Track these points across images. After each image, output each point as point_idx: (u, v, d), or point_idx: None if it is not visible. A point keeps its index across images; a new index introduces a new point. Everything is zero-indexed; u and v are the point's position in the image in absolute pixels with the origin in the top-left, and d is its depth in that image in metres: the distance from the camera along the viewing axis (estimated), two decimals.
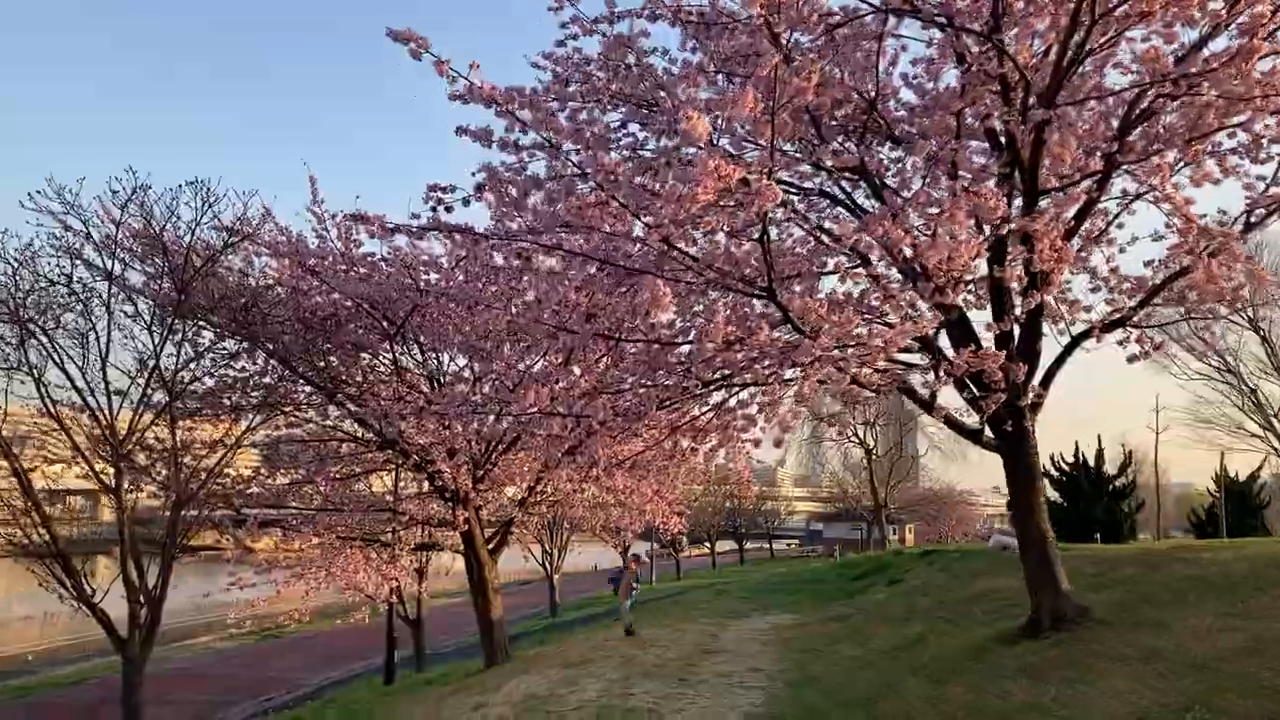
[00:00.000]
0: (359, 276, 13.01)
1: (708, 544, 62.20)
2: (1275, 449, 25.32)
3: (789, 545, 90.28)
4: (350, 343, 13.36)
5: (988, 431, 7.86)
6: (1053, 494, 32.43)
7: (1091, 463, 33.60)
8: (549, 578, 34.36)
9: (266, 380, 13.29)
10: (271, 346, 12.87)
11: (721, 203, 6.22)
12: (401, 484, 16.08)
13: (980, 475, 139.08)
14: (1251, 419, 25.95)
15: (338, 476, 14.57)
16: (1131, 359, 9.84)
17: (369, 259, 13.22)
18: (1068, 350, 7.82)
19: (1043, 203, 6.80)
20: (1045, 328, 7.72)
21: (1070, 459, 34.02)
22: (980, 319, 7.89)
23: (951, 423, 7.81)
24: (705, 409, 8.02)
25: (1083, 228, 7.07)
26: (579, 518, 16.58)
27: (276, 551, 15.81)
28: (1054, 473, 33.78)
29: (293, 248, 12.80)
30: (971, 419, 7.89)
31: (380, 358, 14.09)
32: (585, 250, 6.54)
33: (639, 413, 7.50)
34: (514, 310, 8.24)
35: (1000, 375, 6.93)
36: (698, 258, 6.31)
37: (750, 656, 11.08)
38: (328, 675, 23.53)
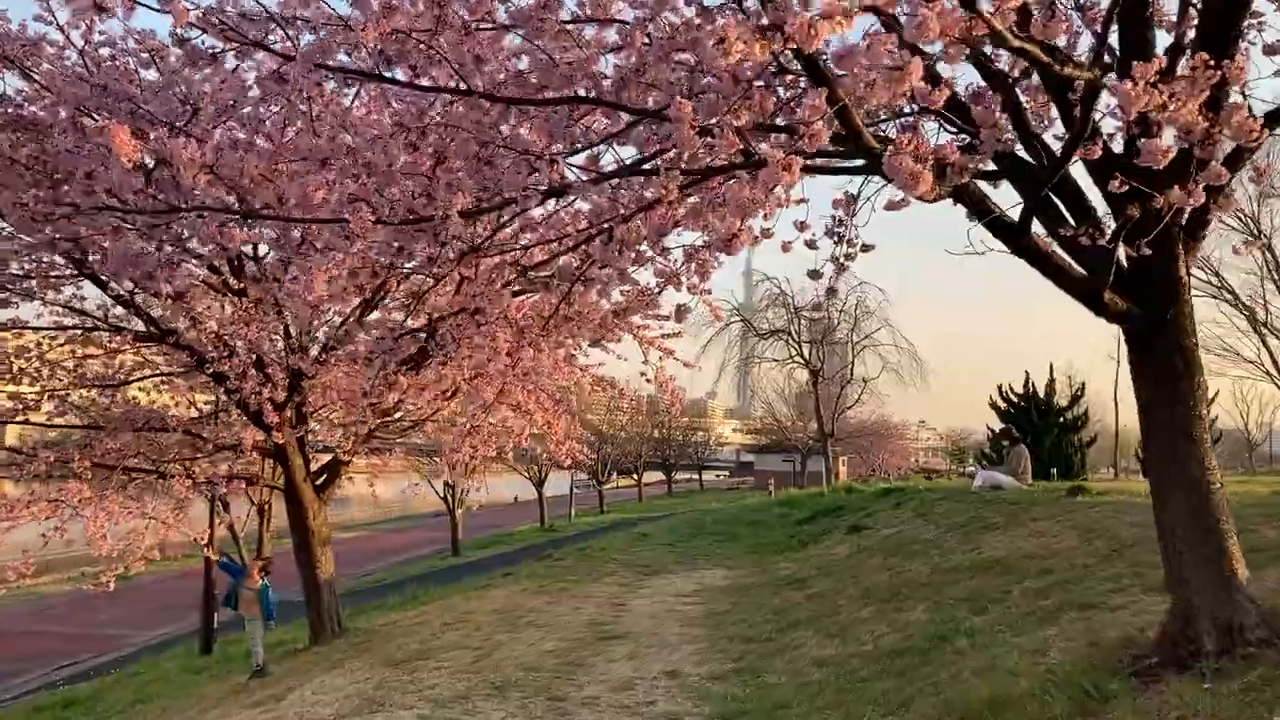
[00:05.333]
0: (102, 80, 8.65)
1: (634, 475, 58.90)
2: (1272, 374, 22.71)
3: (719, 476, 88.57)
4: (83, 176, 8.98)
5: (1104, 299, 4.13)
6: (1000, 426, 30.69)
7: (1042, 394, 31.71)
8: (450, 512, 30.58)
9: None
10: None
11: None
12: (204, 397, 11.85)
13: (918, 406, 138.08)
14: (1247, 341, 23.26)
15: (97, 384, 10.30)
16: None
17: (125, 67, 8.84)
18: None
19: None
20: None
21: (1020, 390, 31.98)
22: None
23: (1052, 268, 4.08)
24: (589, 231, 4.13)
25: None
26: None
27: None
28: (1001, 404, 31.97)
29: None
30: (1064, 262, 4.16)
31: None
32: None
33: (443, 223, 3.55)
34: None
35: (1196, 135, 3.17)
36: None
37: (666, 647, 7.48)
38: (157, 632, 19.33)
